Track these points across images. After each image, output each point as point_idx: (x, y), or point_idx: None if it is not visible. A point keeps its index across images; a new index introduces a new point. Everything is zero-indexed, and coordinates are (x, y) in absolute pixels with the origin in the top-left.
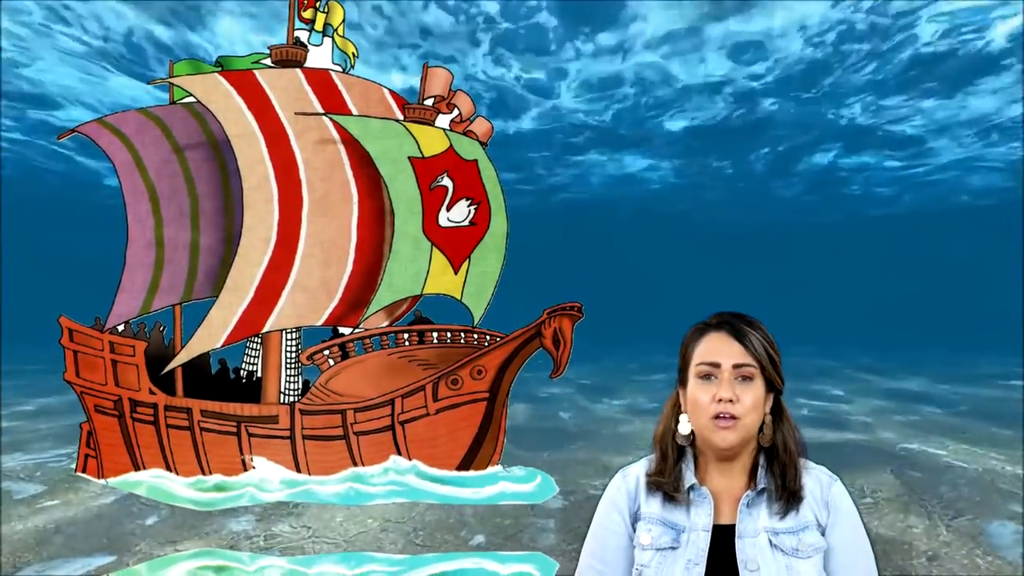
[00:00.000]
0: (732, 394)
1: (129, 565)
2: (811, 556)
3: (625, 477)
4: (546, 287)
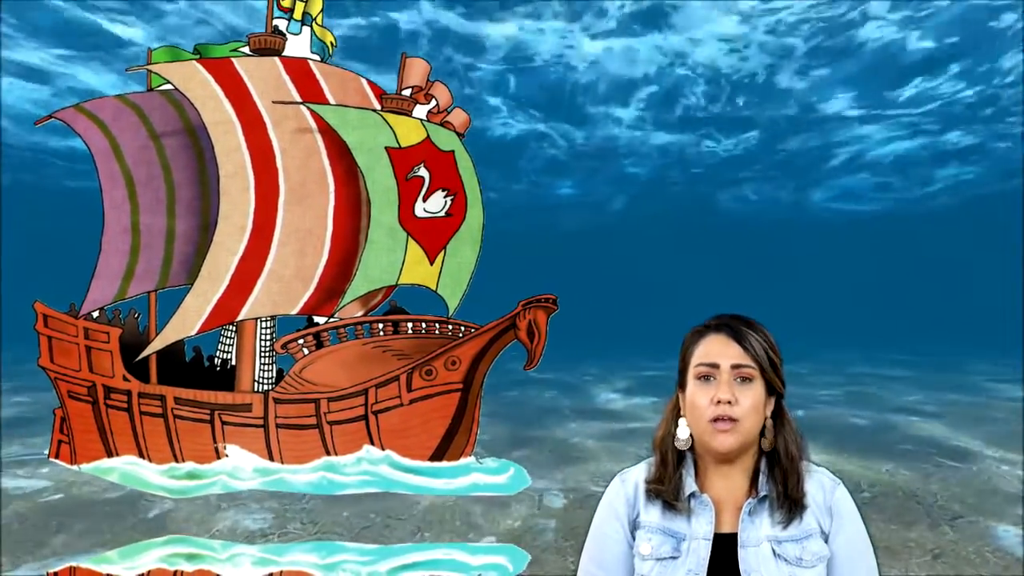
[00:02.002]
0: (731, 395)
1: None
2: (815, 565)
3: (624, 482)
4: (543, 286)
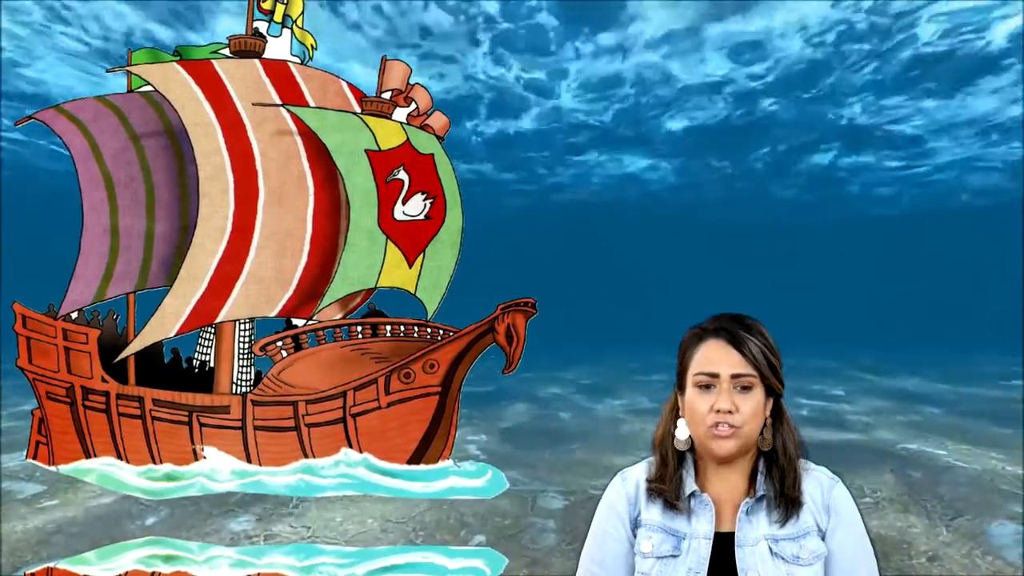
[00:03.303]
0: (731, 405)
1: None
2: (812, 563)
3: (624, 481)
4: (545, 286)
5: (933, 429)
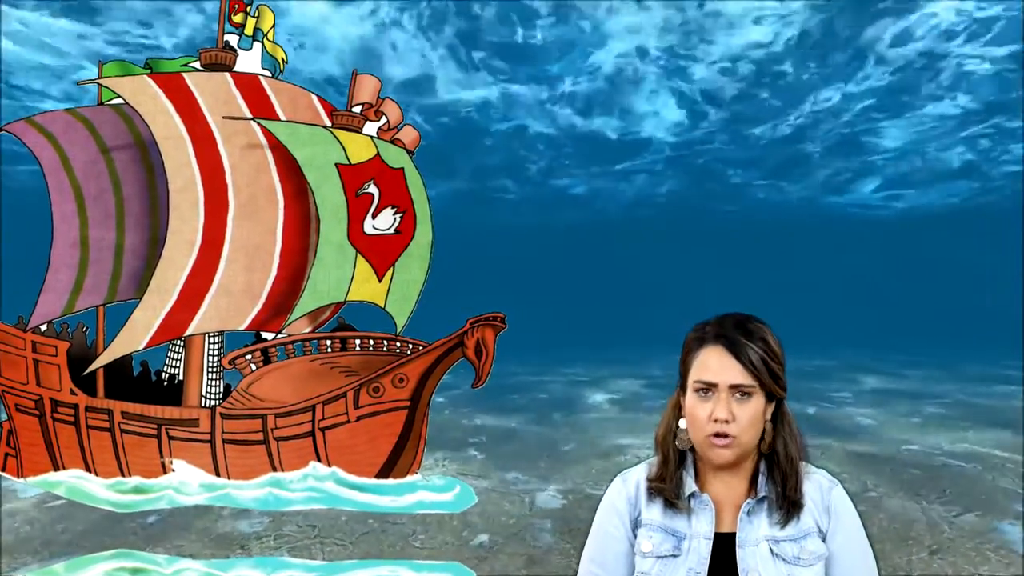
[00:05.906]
0: (728, 414)
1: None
2: (813, 564)
3: (625, 481)
4: (543, 287)
5: (933, 428)
